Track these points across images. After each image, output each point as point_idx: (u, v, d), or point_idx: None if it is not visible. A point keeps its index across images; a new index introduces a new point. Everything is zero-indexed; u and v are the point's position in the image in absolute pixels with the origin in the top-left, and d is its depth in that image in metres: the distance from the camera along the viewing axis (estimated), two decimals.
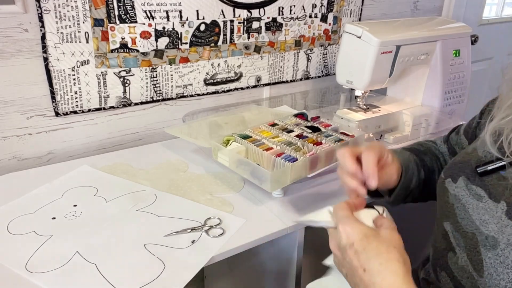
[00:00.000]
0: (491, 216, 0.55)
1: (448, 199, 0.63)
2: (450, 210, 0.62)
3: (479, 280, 0.55)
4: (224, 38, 1.24)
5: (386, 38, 1.08)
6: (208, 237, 0.78)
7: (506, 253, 0.52)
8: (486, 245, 0.54)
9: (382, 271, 0.51)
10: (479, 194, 0.58)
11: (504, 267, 0.51)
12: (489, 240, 0.54)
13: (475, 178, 0.60)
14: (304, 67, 1.46)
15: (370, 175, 0.63)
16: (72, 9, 0.99)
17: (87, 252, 0.73)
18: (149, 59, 1.14)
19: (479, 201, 0.58)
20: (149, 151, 1.13)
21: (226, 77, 1.30)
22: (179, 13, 1.13)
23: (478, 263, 0.55)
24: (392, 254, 0.52)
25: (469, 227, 0.58)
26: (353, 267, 0.54)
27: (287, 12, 1.33)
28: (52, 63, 1.02)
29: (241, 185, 0.96)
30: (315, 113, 1.18)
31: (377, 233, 0.55)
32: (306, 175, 0.90)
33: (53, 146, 1.11)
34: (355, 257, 0.53)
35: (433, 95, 1.28)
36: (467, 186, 0.60)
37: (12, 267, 0.69)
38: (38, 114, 1.06)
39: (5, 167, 1.05)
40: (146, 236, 0.78)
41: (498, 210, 0.55)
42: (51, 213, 0.84)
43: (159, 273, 0.69)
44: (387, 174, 0.70)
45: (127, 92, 1.15)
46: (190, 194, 0.92)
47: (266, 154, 0.89)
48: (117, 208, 0.86)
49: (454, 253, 0.60)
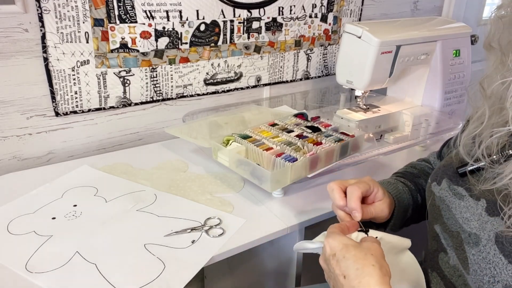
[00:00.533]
0: (472, 214, 0.57)
1: (434, 201, 0.66)
2: (437, 212, 0.65)
3: (467, 277, 0.56)
4: (224, 38, 1.24)
5: (386, 38, 1.08)
6: (208, 237, 0.78)
7: (488, 249, 0.53)
8: (470, 242, 0.56)
9: (359, 275, 0.54)
10: (461, 193, 0.61)
11: (486, 263, 0.53)
12: (472, 238, 0.56)
13: (456, 179, 0.63)
14: (304, 67, 1.46)
15: (352, 209, 0.67)
16: (72, 9, 0.99)
17: (87, 252, 0.73)
18: (149, 59, 1.14)
19: (461, 200, 0.60)
20: (149, 151, 1.13)
21: (226, 77, 1.30)
22: (179, 13, 1.13)
23: (464, 260, 0.57)
24: (368, 260, 0.55)
25: (453, 226, 0.60)
26: (335, 275, 0.57)
27: (287, 12, 1.33)
28: (52, 63, 1.02)
29: (241, 185, 0.96)
30: (315, 113, 1.18)
31: (357, 244, 0.59)
32: (306, 175, 0.90)
33: (53, 146, 1.11)
34: (337, 265, 0.57)
35: (433, 95, 1.28)
36: (450, 187, 0.63)
37: (12, 267, 0.69)
38: (38, 114, 1.06)
39: (5, 167, 1.05)
40: (146, 236, 0.78)
41: (478, 208, 0.57)
42: (51, 213, 0.84)
43: (159, 273, 0.69)
44: (376, 209, 0.71)
45: (127, 92, 1.15)
46: (190, 194, 0.92)
47: (266, 154, 0.89)
48: (117, 208, 0.86)
49: (446, 253, 0.62)
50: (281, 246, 0.99)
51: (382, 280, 0.54)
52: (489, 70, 0.60)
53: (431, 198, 0.67)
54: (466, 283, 0.57)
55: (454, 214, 0.60)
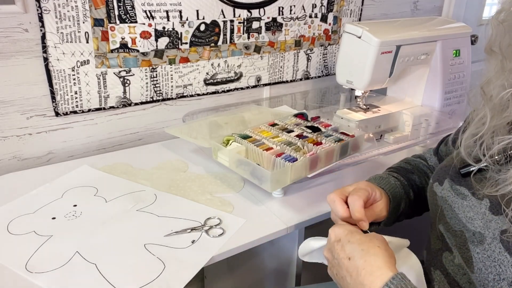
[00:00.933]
0: (476, 213, 0.58)
1: (437, 202, 0.66)
2: (440, 212, 0.65)
3: (472, 275, 0.57)
4: (224, 38, 1.24)
5: (386, 38, 1.08)
6: (208, 237, 0.78)
7: (493, 247, 0.53)
8: (474, 241, 0.56)
9: (364, 255, 0.56)
10: (463, 193, 0.61)
11: (491, 261, 0.53)
12: (476, 236, 0.56)
13: (459, 179, 0.63)
14: (304, 67, 1.46)
15: (359, 219, 0.66)
16: (72, 9, 0.99)
17: (87, 252, 0.73)
18: (149, 59, 1.14)
19: (464, 200, 0.60)
20: (149, 151, 1.13)
21: (226, 77, 1.30)
22: (179, 13, 1.13)
23: (468, 259, 0.57)
24: (373, 242, 0.58)
25: (457, 225, 0.60)
26: (340, 260, 0.59)
27: (287, 12, 1.33)
28: (52, 63, 1.02)
29: (241, 185, 0.96)
30: (315, 113, 1.18)
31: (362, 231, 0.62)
32: (306, 175, 0.90)
33: (53, 146, 1.11)
34: (342, 250, 0.59)
35: (433, 95, 1.28)
36: (452, 187, 0.63)
37: (12, 267, 0.69)
38: (38, 114, 1.06)
39: (5, 167, 1.05)
40: (146, 236, 0.78)
41: (482, 207, 0.57)
42: (51, 213, 0.84)
43: (159, 273, 0.69)
44: (376, 211, 0.72)
45: (127, 92, 1.15)
46: (190, 194, 0.92)
47: (266, 154, 0.89)
48: (117, 208, 0.86)
49: (451, 253, 0.62)
50: (281, 246, 0.99)
51: (388, 260, 0.55)
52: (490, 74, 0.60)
53: (433, 199, 0.67)
54: (470, 281, 0.57)
55: (457, 214, 0.61)
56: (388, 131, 1.22)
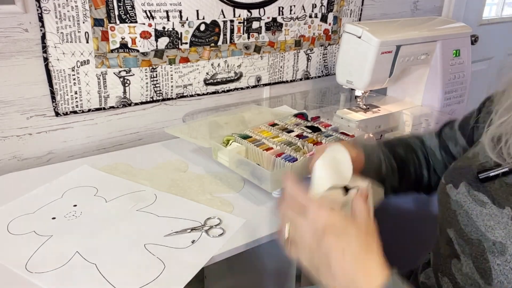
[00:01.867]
0: (497, 222, 0.54)
1: (450, 205, 0.62)
2: (453, 217, 0.61)
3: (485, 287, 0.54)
4: (224, 38, 1.24)
5: (386, 38, 1.08)
6: (208, 237, 0.78)
7: None
8: (494, 252, 0.53)
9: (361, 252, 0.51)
10: (482, 200, 0.57)
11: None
12: (497, 246, 0.53)
13: (477, 184, 0.59)
14: (304, 67, 1.46)
15: None
16: (72, 9, 0.99)
17: (87, 252, 0.73)
18: (149, 59, 1.14)
19: (483, 207, 0.56)
20: (149, 151, 1.13)
21: (226, 77, 1.30)
22: (179, 13, 1.13)
23: (486, 270, 0.53)
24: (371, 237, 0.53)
25: (473, 233, 0.56)
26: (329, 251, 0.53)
27: (287, 12, 1.33)
28: (52, 63, 1.02)
29: (241, 185, 0.96)
30: (315, 113, 1.18)
31: None
32: (306, 175, 0.90)
33: (53, 146, 1.11)
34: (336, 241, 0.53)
35: (433, 95, 1.28)
36: (469, 192, 0.59)
37: (12, 267, 0.69)
38: (38, 114, 1.06)
39: (5, 167, 1.05)
40: (146, 236, 0.78)
41: (503, 216, 0.53)
42: (51, 213, 0.84)
43: (159, 273, 0.69)
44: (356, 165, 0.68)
45: (127, 92, 1.15)
46: (190, 194, 0.92)
47: (266, 154, 0.89)
48: (117, 208, 0.86)
49: (459, 260, 0.59)
50: (281, 246, 0.99)
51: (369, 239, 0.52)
52: None
53: (446, 201, 0.63)
54: None
55: (475, 221, 0.57)
56: (388, 131, 1.22)
